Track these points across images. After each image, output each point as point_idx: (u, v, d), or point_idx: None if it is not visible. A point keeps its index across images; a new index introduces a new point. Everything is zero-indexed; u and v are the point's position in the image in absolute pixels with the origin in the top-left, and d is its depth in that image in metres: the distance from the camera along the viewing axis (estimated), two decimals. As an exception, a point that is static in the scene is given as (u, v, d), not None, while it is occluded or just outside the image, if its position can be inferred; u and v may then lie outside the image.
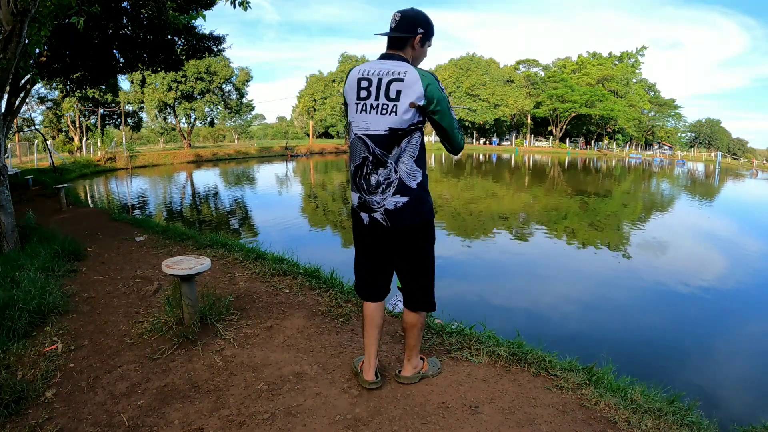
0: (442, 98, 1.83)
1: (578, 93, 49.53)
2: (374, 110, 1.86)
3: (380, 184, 1.90)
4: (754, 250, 9.69)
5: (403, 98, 1.81)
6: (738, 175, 33.87)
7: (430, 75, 1.83)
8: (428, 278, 2.09)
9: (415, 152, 1.90)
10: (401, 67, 1.84)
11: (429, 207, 1.99)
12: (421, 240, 2.02)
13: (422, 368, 2.32)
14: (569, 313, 5.78)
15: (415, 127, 1.87)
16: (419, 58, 1.95)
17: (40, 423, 1.96)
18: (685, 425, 2.05)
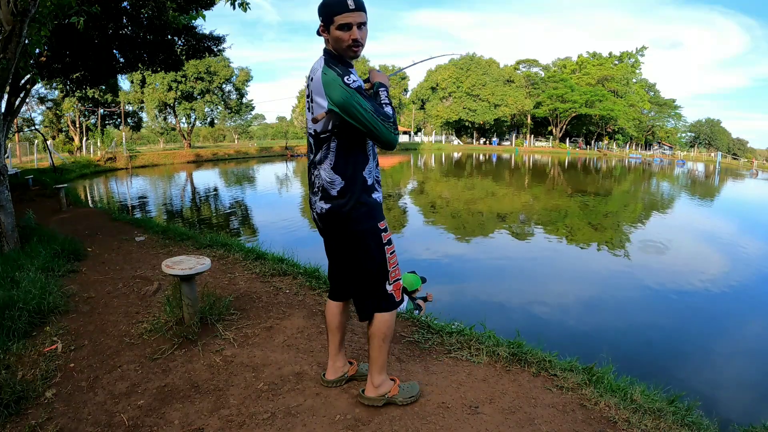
0: (345, 97, 1.63)
1: (578, 93, 49.52)
2: (307, 110, 1.84)
3: (313, 185, 1.88)
4: (754, 251, 9.69)
5: (315, 101, 1.75)
6: (738, 175, 33.87)
7: (333, 72, 1.66)
8: (363, 287, 1.91)
9: (332, 159, 1.77)
10: (317, 65, 1.76)
11: (357, 219, 1.79)
12: (351, 251, 1.86)
13: (390, 392, 2.04)
14: (569, 313, 5.77)
15: (330, 132, 1.75)
16: (339, 46, 1.72)
17: (40, 423, 1.96)
18: (685, 425, 2.05)
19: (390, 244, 1.88)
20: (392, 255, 1.90)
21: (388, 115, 1.71)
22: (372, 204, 1.84)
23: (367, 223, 1.83)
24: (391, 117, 1.71)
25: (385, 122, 1.68)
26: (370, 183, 1.84)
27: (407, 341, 2.75)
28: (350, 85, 1.64)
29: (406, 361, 2.51)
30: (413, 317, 3.18)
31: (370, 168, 1.86)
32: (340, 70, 1.67)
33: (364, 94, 1.68)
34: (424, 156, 43.19)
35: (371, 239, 1.84)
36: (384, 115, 1.69)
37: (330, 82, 1.65)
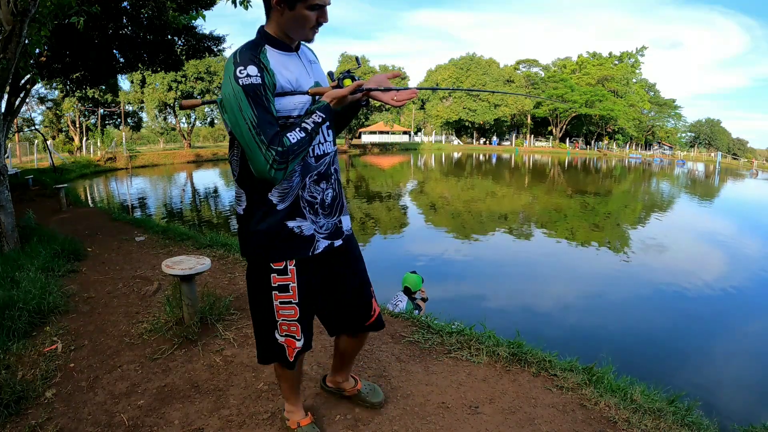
0: (228, 94, 1.27)
1: (578, 93, 49.52)
2: None
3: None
4: (754, 251, 9.69)
5: None
6: (738, 175, 33.87)
7: (231, 60, 1.30)
8: (255, 325, 1.61)
9: (236, 168, 1.45)
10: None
11: (253, 246, 1.45)
12: (247, 280, 1.56)
13: (289, 422, 1.84)
14: (569, 313, 5.77)
15: (233, 136, 1.40)
16: (296, 26, 1.36)
17: (40, 423, 1.96)
18: (685, 425, 2.05)
19: (286, 291, 1.44)
20: (285, 307, 1.49)
21: (277, 140, 1.25)
22: (272, 233, 1.41)
23: (255, 256, 1.46)
24: (286, 145, 1.25)
25: (267, 147, 1.24)
26: (284, 207, 1.41)
27: (407, 341, 2.75)
28: (239, 80, 1.24)
29: (406, 361, 2.51)
30: (413, 317, 3.18)
31: (293, 187, 1.41)
32: (245, 56, 1.28)
33: (261, 96, 1.26)
34: (424, 156, 43.18)
35: (254, 278, 1.49)
36: (270, 137, 1.24)
37: (225, 70, 1.30)
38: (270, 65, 1.30)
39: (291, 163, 1.27)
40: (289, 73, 1.36)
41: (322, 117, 1.33)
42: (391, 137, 51.60)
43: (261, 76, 1.26)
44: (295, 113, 1.36)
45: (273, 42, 1.37)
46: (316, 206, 1.46)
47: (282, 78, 1.34)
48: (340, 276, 1.60)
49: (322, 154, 1.47)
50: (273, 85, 1.31)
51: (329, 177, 1.50)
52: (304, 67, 1.44)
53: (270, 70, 1.30)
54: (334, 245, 1.54)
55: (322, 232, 1.48)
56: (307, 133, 1.30)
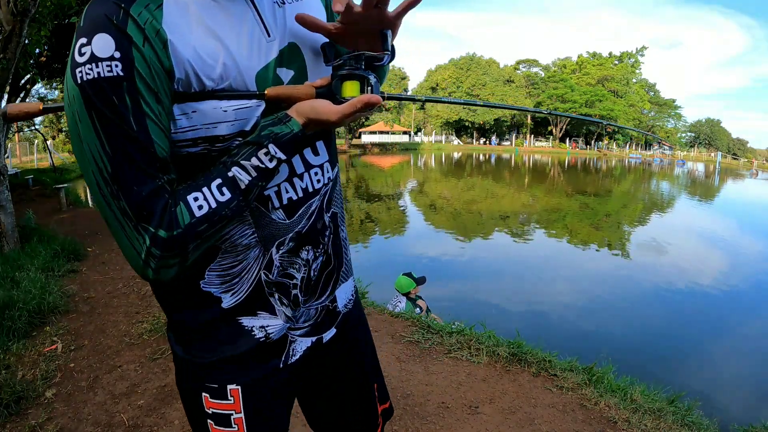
0: (65, 102, 0.59)
1: (578, 93, 49.56)
2: None
3: None
4: (754, 251, 9.69)
5: None
6: (738, 175, 33.88)
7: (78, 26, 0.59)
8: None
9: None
10: None
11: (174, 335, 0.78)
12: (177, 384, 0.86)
13: None
14: (569, 313, 5.77)
15: None
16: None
17: (40, 423, 1.96)
18: (685, 425, 2.05)
19: (226, 425, 0.77)
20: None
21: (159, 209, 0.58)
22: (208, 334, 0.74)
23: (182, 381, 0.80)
24: (180, 225, 0.59)
25: (135, 225, 0.58)
26: (235, 302, 0.73)
27: (407, 341, 2.75)
28: (76, 73, 0.56)
29: (406, 361, 2.51)
30: (413, 317, 3.18)
31: (247, 267, 0.73)
32: (98, 8, 0.57)
33: (125, 109, 0.56)
34: (424, 156, 43.19)
35: (182, 385, 0.81)
36: (139, 203, 0.57)
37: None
38: (163, 20, 0.58)
39: (193, 252, 0.62)
40: (212, 40, 0.62)
41: (278, 157, 0.64)
42: (391, 137, 51.62)
43: (126, 60, 0.55)
44: (225, 130, 0.63)
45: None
46: (293, 292, 0.77)
47: (193, 50, 0.60)
48: (333, 380, 0.92)
49: (302, 197, 0.74)
50: (166, 72, 0.58)
51: (319, 235, 0.79)
52: (257, 16, 0.67)
53: (160, 34, 0.58)
54: (324, 340, 0.85)
55: (301, 328, 0.80)
56: (237, 193, 0.62)
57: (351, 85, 0.67)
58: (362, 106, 0.63)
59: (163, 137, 0.59)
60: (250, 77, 0.65)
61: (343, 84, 0.67)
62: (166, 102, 0.59)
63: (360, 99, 0.64)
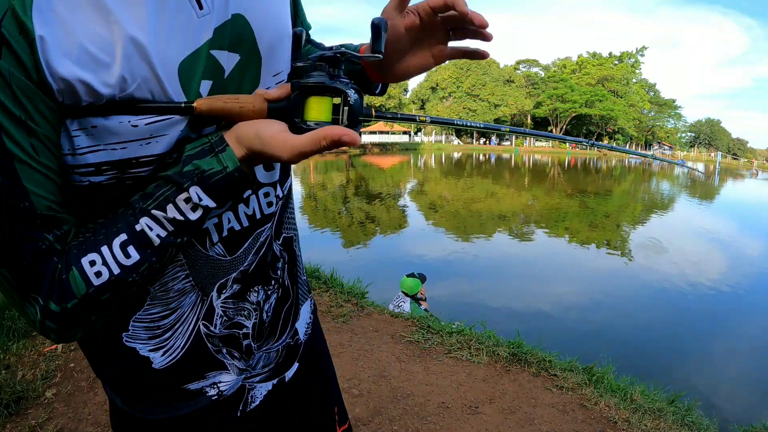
0: None
1: (578, 93, 49.60)
2: None
3: None
4: (754, 251, 9.69)
5: None
6: (738, 175, 33.90)
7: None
8: None
9: None
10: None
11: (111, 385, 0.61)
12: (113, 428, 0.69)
13: None
14: (569, 313, 5.78)
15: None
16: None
17: (40, 423, 1.96)
18: (685, 425, 2.05)
19: None
20: None
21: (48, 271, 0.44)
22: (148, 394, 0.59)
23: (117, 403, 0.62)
24: (76, 294, 0.44)
25: (20, 294, 0.44)
26: (170, 362, 0.57)
27: (407, 341, 2.76)
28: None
29: (406, 361, 2.51)
30: (413, 317, 3.18)
31: (181, 319, 0.56)
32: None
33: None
34: (424, 156, 43.21)
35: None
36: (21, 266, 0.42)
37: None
38: (33, 4, 0.38)
39: (99, 320, 0.49)
40: (106, 23, 0.41)
41: (204, 205, 0.46)
42: (391, 137, 51.65)
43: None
44: (138, 151, 0.46)
45: None
46: (244, 343, 0.62)
47: (77, 45, 0.40)
48: (295, 415, 0.78)
49: (248, 227, 0.59)
50: (37, 85, 0.40)
51: (270, 270, 0.64)
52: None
53: (25, 31, 0.38)
54: (287, 379, 0.72)
55: (260, 374, 0.67)
56: (148, 252, 0.46)
57: (319, 104, 0.45)
58: (328, 144, 0.42)
59: (44, 180, 0.42)
60: (169, 72, 0.45)
61: (308, 100, 0.46)
62: (43, 127, 0.41)
63: (326, 134, 0.42)
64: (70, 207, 0.46)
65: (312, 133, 0.42)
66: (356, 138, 0.42)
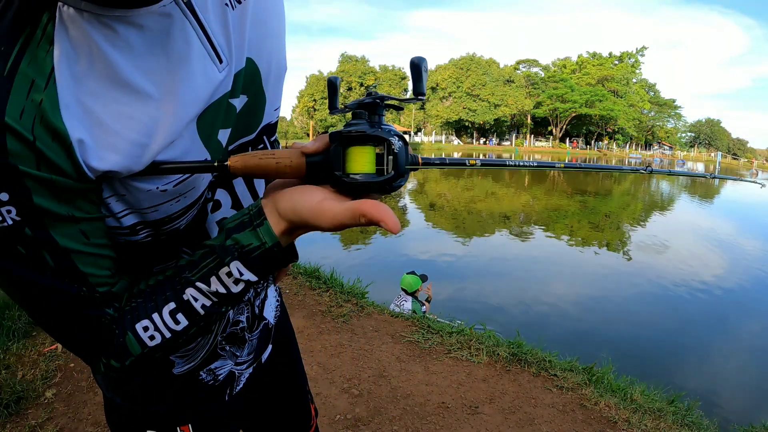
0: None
1: (578, 93, 49.60)
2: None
3: None
4: (754, 251, 9.69)
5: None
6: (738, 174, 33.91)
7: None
8: None
9: None
10: None
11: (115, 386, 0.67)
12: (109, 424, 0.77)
13: None
14: (569, 313, 5.78)
15: None
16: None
17: (40, 423, 1.96)
18: (685, 425, 2.05)
19: None
20: None
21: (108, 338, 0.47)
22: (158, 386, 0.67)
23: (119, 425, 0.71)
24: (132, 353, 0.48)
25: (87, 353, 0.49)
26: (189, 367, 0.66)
27: (407, 341, 2.76)
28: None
29: (406, 361, 2.51)
30: (413, 317, 3.18)
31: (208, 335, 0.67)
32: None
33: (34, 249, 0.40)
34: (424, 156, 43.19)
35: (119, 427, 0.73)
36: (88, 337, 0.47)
37: None
38: (60, 102, 0.38)
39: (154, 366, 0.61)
40: (135, 103, 0.41)
41: (245, 279, 0.46)
42: (391, 137, 51.53)
43: (21, 198, 0.38)
44: (169, 210, 0.50)
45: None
46: (240, 335, 0.72)
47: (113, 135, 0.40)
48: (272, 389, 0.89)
49: None
50: (78, 181, 0.40)
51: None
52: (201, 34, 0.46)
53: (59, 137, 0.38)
54: (263, 360, 0.81)
55: (246, 361, 0.75)
56: (195, 320, 0.48)
57: (361, 154, 0.42)
58: (366, 223, 0.39)
59: (98, 259, 0.45)
60: (191, 130, 0.46)
61: (349, 151, 0.42)
62: (88, 210, 0.42)
63: (365, 212, 0.39)
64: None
65: (351, 206, 0.40)
66: (397, 225, 0.38)
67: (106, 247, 0.46)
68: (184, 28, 0.44)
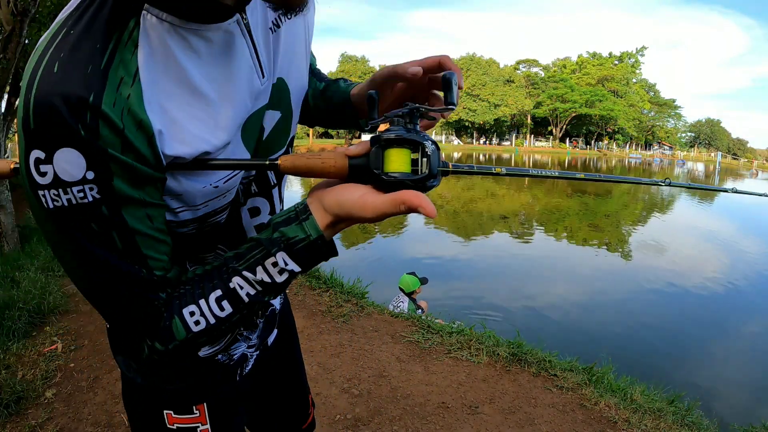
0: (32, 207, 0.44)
1: (578, 93, 49.60)
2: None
3: None
4: (754, 251, 9.69)
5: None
6: (738, 175, 33.90)
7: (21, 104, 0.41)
8: None
9: None
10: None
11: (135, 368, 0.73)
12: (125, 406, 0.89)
13: None
14: (569, 313, 5.78)
15: None
16: None
17: (40, 423, 1.96)
18: (685, 425, 2.05)
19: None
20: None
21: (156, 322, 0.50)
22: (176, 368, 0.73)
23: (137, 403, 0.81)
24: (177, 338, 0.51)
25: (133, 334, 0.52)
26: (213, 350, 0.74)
27: (407, 341, 2.76)
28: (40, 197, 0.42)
29: (406, 361, 2.51)
30: (413, 317, 3.18)
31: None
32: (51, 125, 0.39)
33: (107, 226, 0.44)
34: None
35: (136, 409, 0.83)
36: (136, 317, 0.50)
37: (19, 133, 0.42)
38: (144, 98, 0.43)
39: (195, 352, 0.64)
40: (203, 105, 0.48)
41: (290, 269, 0.50)
42: (391, 137, 51.56)
43: (104, 178, 0.42)
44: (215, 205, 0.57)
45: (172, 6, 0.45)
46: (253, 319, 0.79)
47: (185, 132, 0.47)
48: (275, 372, 0.95)
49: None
50: (153, 168, 0.45)
51: None
52: (252, 51, 0.54)
53: (143, 127, 0.43)
54: (269, 343, 0.87)
55: (254, 344, 0.81)
56: (239, 307, 0.51)
57: (398, 155, 0.47)
58: (406, 210, 0.45)
59: (158, 244, 0.48)
60: (237, 132, 0.53)
61: (387, 152, 0.47)
62: (155, 197, 0.47)
63: (405, 200, 0.44)
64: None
65: (392, 196, 0.45)
66: (434, 211, 0.44)
67: (165, 233, 0.50)
68: (240, 44, 0.51)
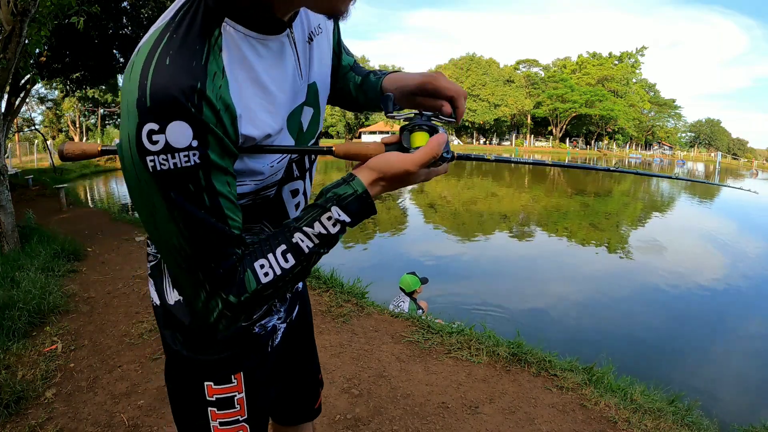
0: (128, 178, 0.57)
1: (578, 93, 49.60)
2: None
3: None
4: (754, 250, 9.69)
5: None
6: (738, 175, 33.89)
7: (130, 84, 0.52)
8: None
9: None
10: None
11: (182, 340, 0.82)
12: (167, 381, 0.95)
13: None
14: (569, 313, 5.77)
15: None
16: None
17: (40, 423, 1.96)
18: (685, 425, 2.05)
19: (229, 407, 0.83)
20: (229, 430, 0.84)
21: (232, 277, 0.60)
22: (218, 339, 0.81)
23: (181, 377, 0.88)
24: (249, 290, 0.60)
25: (210, 292, 0.60)
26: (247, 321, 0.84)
27: (407, 341, 2.76)
28: (147, 161, 0.52)
29: (406, 361, 2.51)
30: (413, 317, 3.18)
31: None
32: (170, 86, 0.51)
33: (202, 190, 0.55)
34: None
35: (178, 383, 0.91)
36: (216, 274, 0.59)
37: (122, 108, 0.54)
38: (230, 90, 0.56)
39: (258, 311, 0.79)
40: (267, 98, 0.62)
41: (342, 220, 0.62)
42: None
43: (203, 147, 0.53)
44: (269, 181, 0.70)
45: (239, 13, 0.58)
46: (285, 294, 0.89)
47: (256, 117, 0.60)
48: (295, 352, 1.04)
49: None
50: (234, 144, 0.58)
51: None
52: (296, 57, 0.68)
53: (230, 110, 0.56)
54: (293, 319, 0.97)
55: (283, 317, 0.90)
56: (300, 259, 0.62)
57: (420, 136, 0.65)
58: (438, 148, 0.64)
59: (235, 209, 0.60)
60: (285, 122, 0.68)
61: (413, 135, 0.66)
62: (233, 170, 0.60)
63: (441, 140, 0.64)
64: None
65: (426, 145, 0.63)
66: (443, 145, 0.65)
67: (236, 200, 0.60)
68: (289, 52, 0.66)
